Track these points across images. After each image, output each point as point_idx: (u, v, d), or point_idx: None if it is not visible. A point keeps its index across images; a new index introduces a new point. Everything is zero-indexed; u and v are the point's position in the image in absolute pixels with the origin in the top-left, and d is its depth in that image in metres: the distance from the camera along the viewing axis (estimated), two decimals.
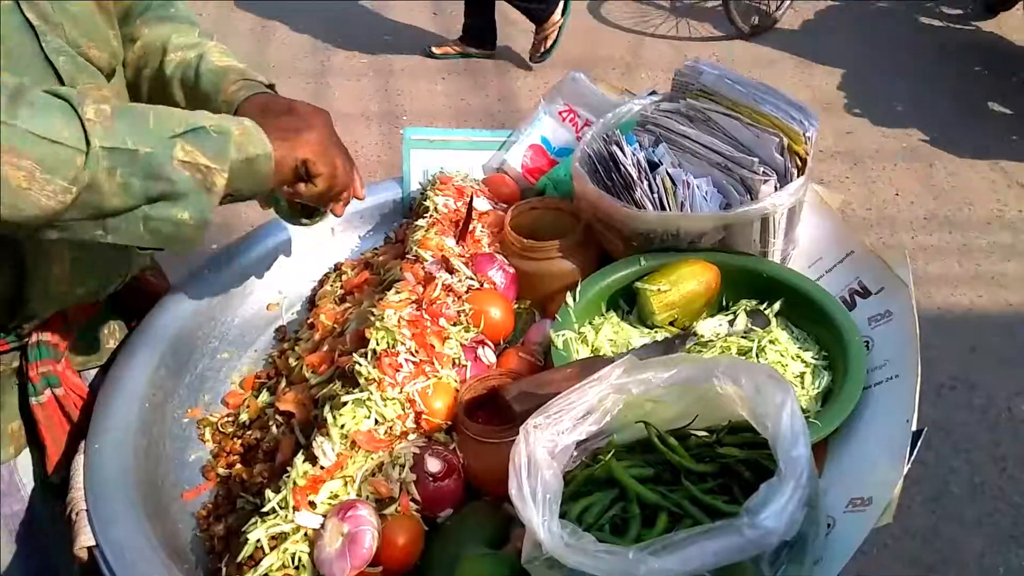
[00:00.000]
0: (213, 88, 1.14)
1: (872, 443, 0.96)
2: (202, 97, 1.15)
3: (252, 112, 1.06)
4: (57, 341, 1.11)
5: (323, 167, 1.02)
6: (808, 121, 1.17)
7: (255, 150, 0.94)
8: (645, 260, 1.18)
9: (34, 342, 1.09)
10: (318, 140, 1.02)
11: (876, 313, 1.11)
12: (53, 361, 1.10)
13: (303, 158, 1.01)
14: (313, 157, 1.01)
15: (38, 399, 1.09)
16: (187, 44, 1.18)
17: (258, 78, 1.16)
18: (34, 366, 1.09)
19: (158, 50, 1.18)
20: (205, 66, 1.15)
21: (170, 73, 1.16)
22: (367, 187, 1.46)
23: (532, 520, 0.72)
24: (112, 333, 1.24)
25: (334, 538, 0.90)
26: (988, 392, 2.58)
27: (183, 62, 1.16)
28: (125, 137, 0.84)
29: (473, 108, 4.09)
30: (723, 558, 0.66)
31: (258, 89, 1.13)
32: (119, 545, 0.96)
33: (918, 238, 3.21)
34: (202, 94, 1.15)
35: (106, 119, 0.83)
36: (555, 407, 0.82)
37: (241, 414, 1.20)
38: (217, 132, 0.90)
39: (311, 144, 1.01)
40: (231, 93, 1.12)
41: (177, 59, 1.17)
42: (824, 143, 3.66)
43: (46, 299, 1.06)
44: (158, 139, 0.86)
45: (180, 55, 1.17)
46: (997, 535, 2.20)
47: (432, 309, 1.11)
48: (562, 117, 1.47)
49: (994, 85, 4.13)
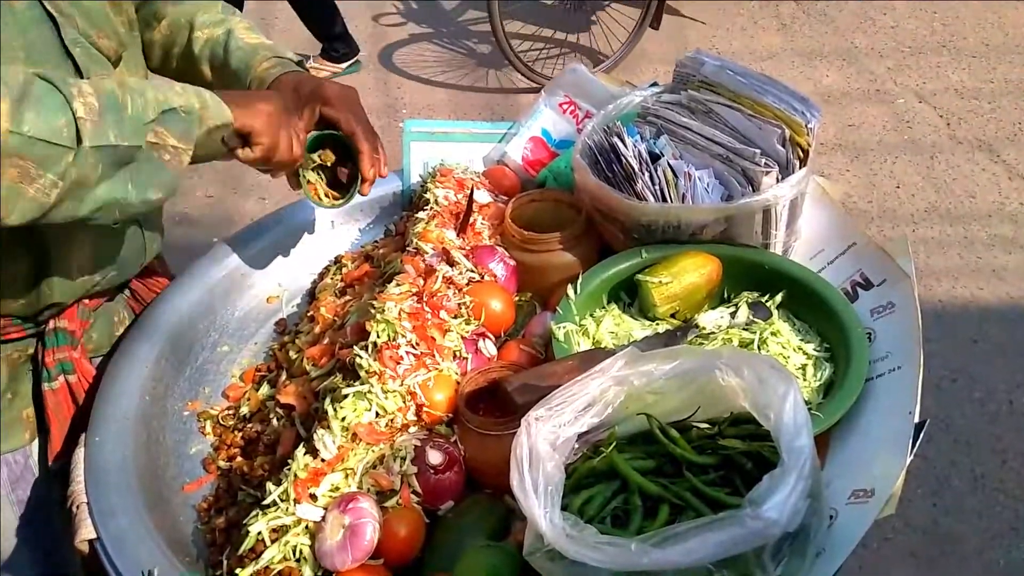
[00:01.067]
0: (244, 66, 1.18)
1: (874, 435, 0.95)
2: (231, 75, 1.19)
3: (285, 91, 1.14)
4: (75, 328, 1.12)
5: (264, 138, 1.04)
6: (810, 112, 1.16)
7: (215, 121, 0.98)
8: (646, 252, 1.18)
9: (52, 328, 1.11)
10: (268, 112, 1.04)
11: (878, 305, 1.10)
12: (70, 347, 1.12)
13: (249, 125, 1.03)
14: (259, 127, 1.03)
15: (51, 385, 1.11)
16: (213, 21, 1.22)
17: (288, 55, 1.21)
18: (51, 352, 1.10)
19: (184, 28, 1.21)
20: (234, 44, 1.20)
21: (198, 51, 1.20)
22: None
23: (534, 512, 0.72)
24: (122, 321, 1.25)
25: (335, 531, 0.90)
26: (989, 385, 2.57)
27: (211, 39, 1.20)
28: (109, 132, 0.87)
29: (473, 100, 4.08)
30: (726, 549, 0.66)
31: (289, 67, 1.18)
32: (120, 538, 0.96)
33: (919, 231, 3.21)
34: (231, 72, 1.19)
35: (94, 114, 0.85)
36: (556, 399, 0.81)
37: (242, 407, 1.20)
38: (185, 112, 0.94)
39: (261, 114, 1.04)
40: (263, 71, 1.17)
41: (204, 36, 1.21)
42: (825, 136, 3.65)
43: (68, 287, 1.08)
44: (134, 129, 0.89)
45: (207, 32, 1.21)
46: (998, 528, 2.20)
47: (433, 302, 1.11)
48: (562, 109, 1.47)
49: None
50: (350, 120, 1.18)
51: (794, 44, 4.47)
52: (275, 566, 0.90)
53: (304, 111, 1.16)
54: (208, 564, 1.01)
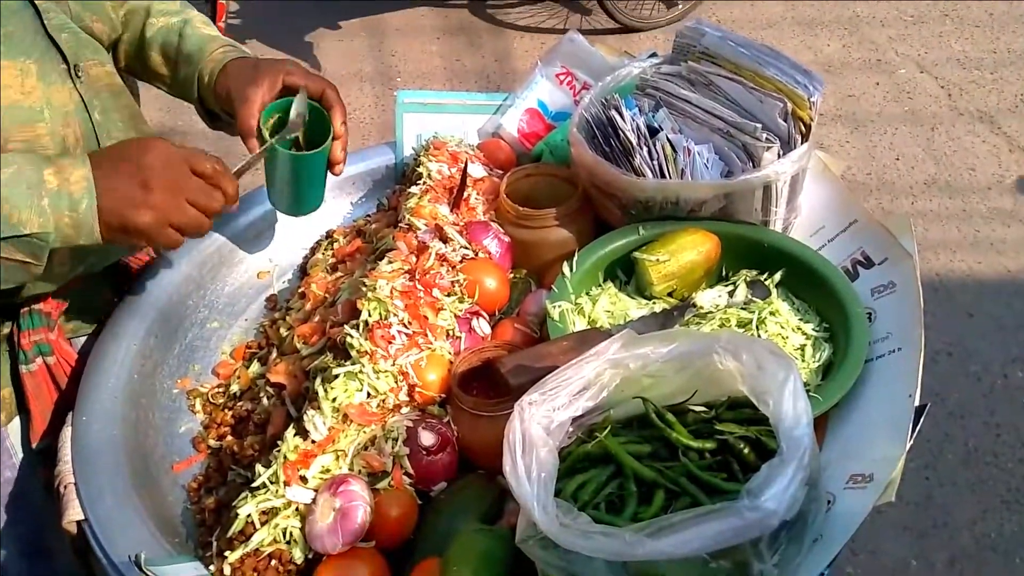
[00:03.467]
0: (197, 50, 1.17)
1: (873, 418, 0.94)
2: (185, 58, 1.17)
3: (234, 72, 1.13)
4: (50, 310, 1.10)
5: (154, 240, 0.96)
6: (813, 85, 1.13)
7: (80, 241, 0.91)
8: (644, 229, 1.15)
9: (26, 310, 1.08)
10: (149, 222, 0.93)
11: (879, 284, 1.09)
12: (46, 329, 1.09)
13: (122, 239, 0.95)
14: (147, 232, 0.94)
15: (28, 367, 1.09)
16: (170, 11, 1.21)
17: (243, 49, 1.20)
18: (26, 334, 1.08)
19: (140, 14, 1.20)
20: (190, 30, 1.19)
21: (151, 36, 1.19)
22: (360, 151, 1.44)
23: (527, 499, 0.71)
24: (104, 300, 1.22)
25: (325, 513, 0.89)
26: (984, 359, 2.57)
27: (166, 26, 1.19)
28: None
29: (468, 69, 4.01)
30: (722, 540, 0.65)
31: (246, 54, 1.17)
32: (107, 519, 0.95)
33: (918, 203, 3.18)
34: (185, 55, 1.17)
35: None
36: (551, 383, 0.80)
37: (232, 385, 1.18)
38: (40, 239, 0.89)
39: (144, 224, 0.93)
40: (218, 54, 1.16)
41: (159, 24, 1.19)
42: (825, 106, 3.60)
43: (47, 280, 1.06)
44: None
45: (163, 20, 1.20)
46: (990, 501, 2.21)
47: (425, 279, 1.09)
48: (559, 80, 1.43)
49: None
50: (318, 81, 1.15)
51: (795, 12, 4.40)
52: (265, 548, 0.89)
53: (264, 81, 1.11)
54: (197, 545, 1.00)
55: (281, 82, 1.13)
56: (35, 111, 0.98)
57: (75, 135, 1.03)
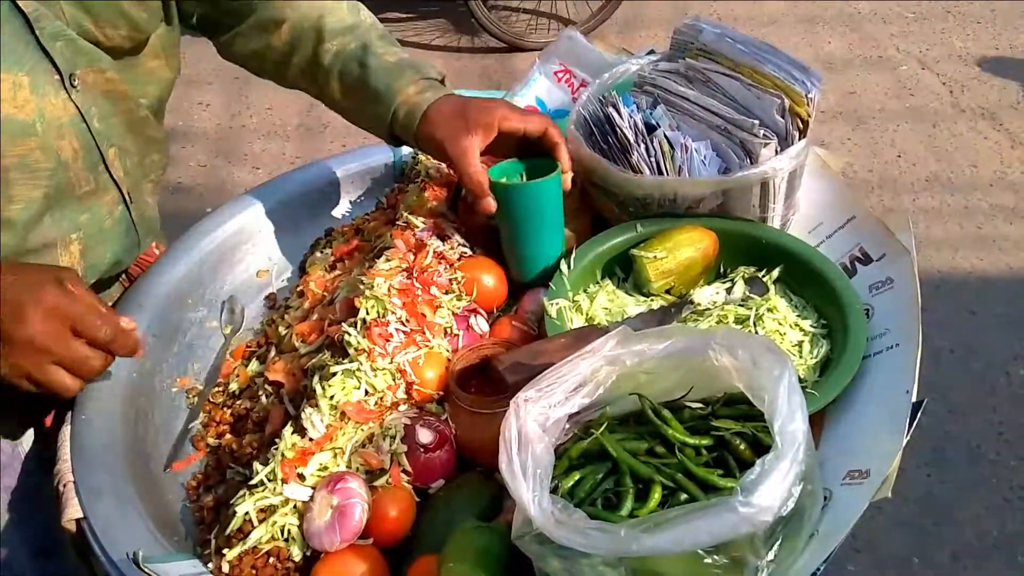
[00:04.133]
0: (385, 88, 1.11)
1: (871, 414, 0.94)
2: (371, 95, 1.12)
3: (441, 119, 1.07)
4: None
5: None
6: (811, 81, 1.13)
7: None
8: (641, 226, 1.15)
9: None
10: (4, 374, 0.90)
11: (877, 280, 1.09)
12: None
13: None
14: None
15: None
16: (343, 28, 1.14)
17: (431, 74, 1.13)
18: None
19: (310, 37, 1.14)
20: (373, 61, 1.12)
21: (328, 64, 1.13)
22: (359, 150, 1.44)
23: (522, 496, 0.71)
24: (112, 297, 1.22)
25: (323, 511, 0.89)
26: (987, 357, 2.57)
27: (342, 53, 1.13)
28: None
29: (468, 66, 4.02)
30: (717, 536, 0.65)
31: (439, 89, 1.12)
32: (106, 517, 0.95)
33: (920, 200, 3.18)
34: (371, 92, 1.11)
35: None
36: (547, 380, 0.80)
37: (231, 383, 1.18)
38: None
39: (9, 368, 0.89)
40: (413, 96, 1.10)
41: (335, 48, 1.13)
42: (826, 103, 3.60)
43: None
44: None
45: (338, 43, 1.13)
46: (992, 498, 2.21)
47: (423, 277, 1.09)
48: (557, 77, 1.43)
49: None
50: (532, 120, 1.09)
51: (796, 9, 4.40)
52: (263, 546, 0.89)
53: (478, 129, 1.06)
54: (196, 543, 1.00)
55: (496, 128, 1.07)
56: (27, 124, 0.94)
57: (72, 147, 1.00)
